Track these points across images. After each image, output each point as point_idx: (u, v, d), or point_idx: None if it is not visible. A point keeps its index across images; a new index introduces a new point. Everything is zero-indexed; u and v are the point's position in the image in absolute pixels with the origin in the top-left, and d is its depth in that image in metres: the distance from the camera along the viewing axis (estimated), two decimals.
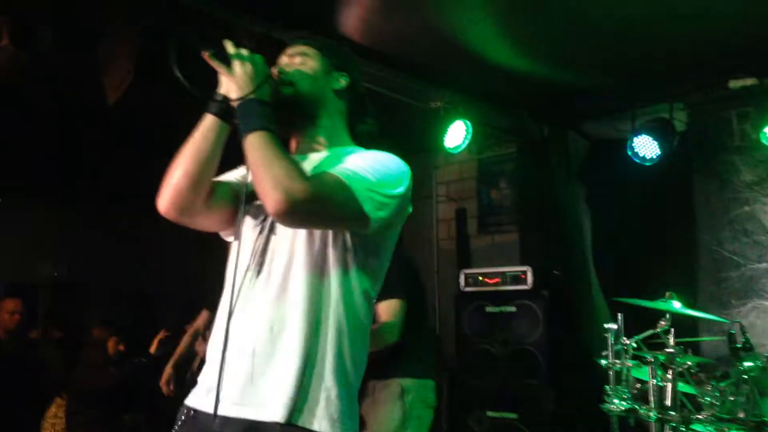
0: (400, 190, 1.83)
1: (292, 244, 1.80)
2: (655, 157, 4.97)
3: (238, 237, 1.89)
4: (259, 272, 1.82)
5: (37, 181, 6.12)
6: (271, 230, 1.84)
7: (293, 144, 2.03)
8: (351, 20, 4.17)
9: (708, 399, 3.67)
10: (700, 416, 3.62)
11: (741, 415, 3.52)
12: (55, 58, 3.91)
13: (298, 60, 2.00)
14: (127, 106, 3.89)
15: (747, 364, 3.48)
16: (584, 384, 4.86)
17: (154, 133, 5.39)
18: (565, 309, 5.23)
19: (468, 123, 5.19)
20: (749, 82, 4.79)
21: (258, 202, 1.84)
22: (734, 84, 4.83)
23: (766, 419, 3.43)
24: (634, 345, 3.88)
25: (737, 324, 3.70)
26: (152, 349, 5.11)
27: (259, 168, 1.69)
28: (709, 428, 3.60)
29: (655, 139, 4.95)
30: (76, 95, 4.66)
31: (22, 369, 5.04)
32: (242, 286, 1.83)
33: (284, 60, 2.02)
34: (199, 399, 1.83)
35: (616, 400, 3.81)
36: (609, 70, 4.82)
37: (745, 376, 3.45)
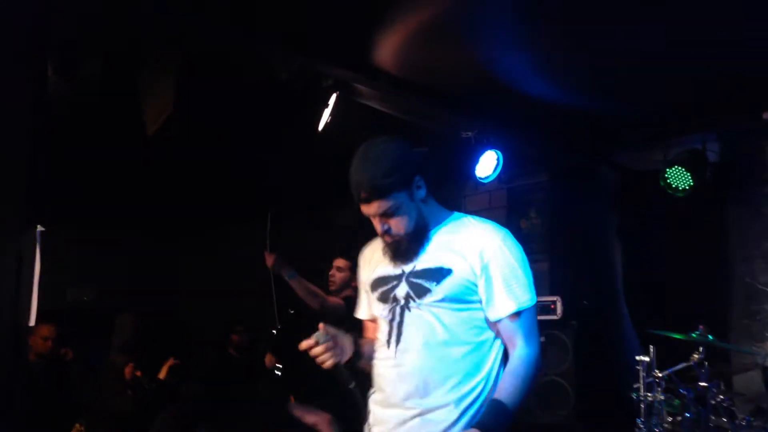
0: None
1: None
2: (687, 188, 4.95)
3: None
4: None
5: (71, 206, 6.23)
6: (403, 311, 2.25)
7: None
8: (385, 52, 4.23)
9: None
10: None
11: None
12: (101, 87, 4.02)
13: (390, 215, 2.20)
14: (163, 134, 3.98)
15: None
16: (614, 416, 4.81)
17: (187, 160, 5.51)
18: (594, 340, 5.20)
19: (499, 153, 5.22)
20: None
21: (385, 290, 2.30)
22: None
23: None
24: (667, 378, 3.86)
25: None
26: (161, 375, 5.15)
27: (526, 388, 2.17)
28: None
29: (687, 170, 4.94)
30: (113, 121, 4.76)
31: (49, 393, 5.11)
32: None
33: (376, 216, 2.22)
34: None
35: None
36: (641, 101, 4.83)
37: None
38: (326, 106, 4.21)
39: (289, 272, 4.48)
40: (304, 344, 2.18)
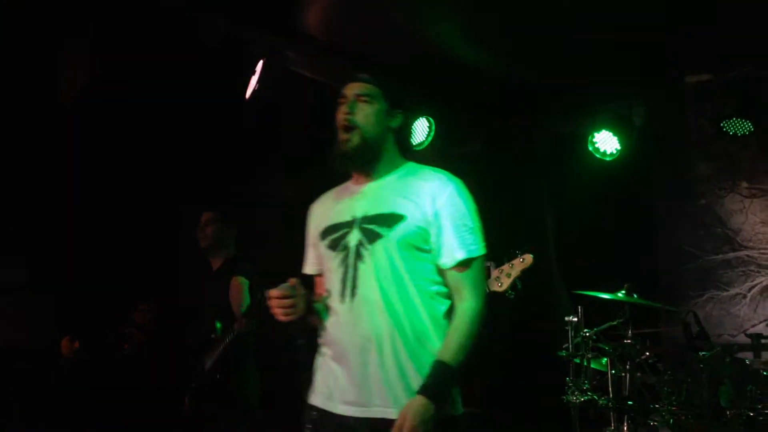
0: None
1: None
2: (615, 152, 5.04)
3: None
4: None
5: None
6: (356, 260, 2.18)
7: (356, 174, 2.31)
8: (314, 18, 4.17)
9: (666, 388, 3.75)
10: (658, 405, 3.70)
11: (697, 403, 3.60)
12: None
13: (363, 99, 2.24)
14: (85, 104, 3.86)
15: (702, 353, 3.57)
16: (546, 377, 4.92)
17: (113, 130, 5.33)
18: (527, 303, 5.27)
19: (431, 120, 5.22)
20: (705, 77, 4.89)
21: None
22: (691, 79, 4.92)
23: (722, 406, 3.52)
24: (594, 337, 3.95)
25: (692, 314, 3.79)
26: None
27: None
28: (667, 417, 3.69)
29: (615, 134, 5.03)
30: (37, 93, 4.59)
31: None
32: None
33: (350, 96, 2.25)
34: None
35: (576, 392, 3.88)
36: (570, 67, 4.88)
37: (701, 365, 3.53)
38: (253, 73, 4.13)
39: None
40: (275, 292, 2.12)
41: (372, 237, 2.14)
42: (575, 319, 3.96)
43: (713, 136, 4.85)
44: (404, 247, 2.12)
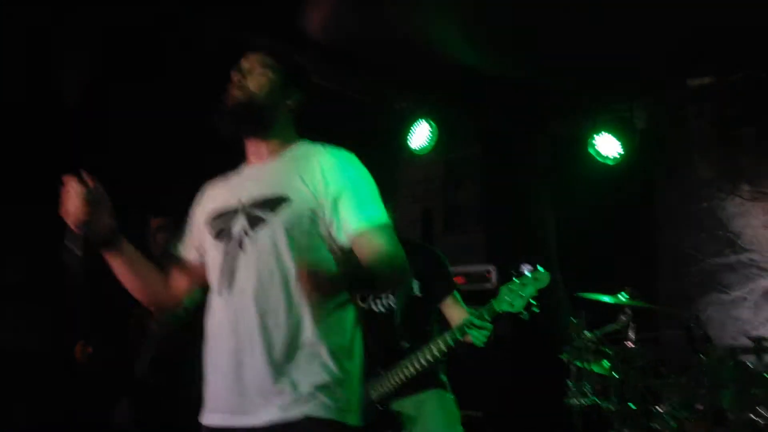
0: None
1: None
2: (616, 155, 5.04)
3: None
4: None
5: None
6: (236, 250, 1.95)
7: (250, 148, 2.12)
8: (316, 21, 4.17)
9: (668, 392, 3.74)
10: (660, 409, 3.69)
11: (700, 406, 3.59)
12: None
13: (259, 69, 2.06)
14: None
15: (705, 356, 3.56)
16: (548, 380, 4.91)
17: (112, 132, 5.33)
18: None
19: (433, 124, 5.22)
20: (707, 80, 4.90)
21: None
22: (692, 82, 4.93)
23: (725, 410, 3.51)
24: (595, 340, 3.94)
25: (695, 317, 3.78)
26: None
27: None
28: (670, 421, 3.68)
29: (616, 137, 5.03)
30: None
31: None
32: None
33: (245, 65, 2.07)
34: None
35: (578, 396, 3.87)
36: (571, 69, 4.88)
37: (704, 369, 3.52)
38: None
39: None
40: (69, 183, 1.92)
41: (255, 223, 1.91)
42: (577, 322, 3.94)
43: (715, 139, 4.84)
44: (292, 233, 1.88)
